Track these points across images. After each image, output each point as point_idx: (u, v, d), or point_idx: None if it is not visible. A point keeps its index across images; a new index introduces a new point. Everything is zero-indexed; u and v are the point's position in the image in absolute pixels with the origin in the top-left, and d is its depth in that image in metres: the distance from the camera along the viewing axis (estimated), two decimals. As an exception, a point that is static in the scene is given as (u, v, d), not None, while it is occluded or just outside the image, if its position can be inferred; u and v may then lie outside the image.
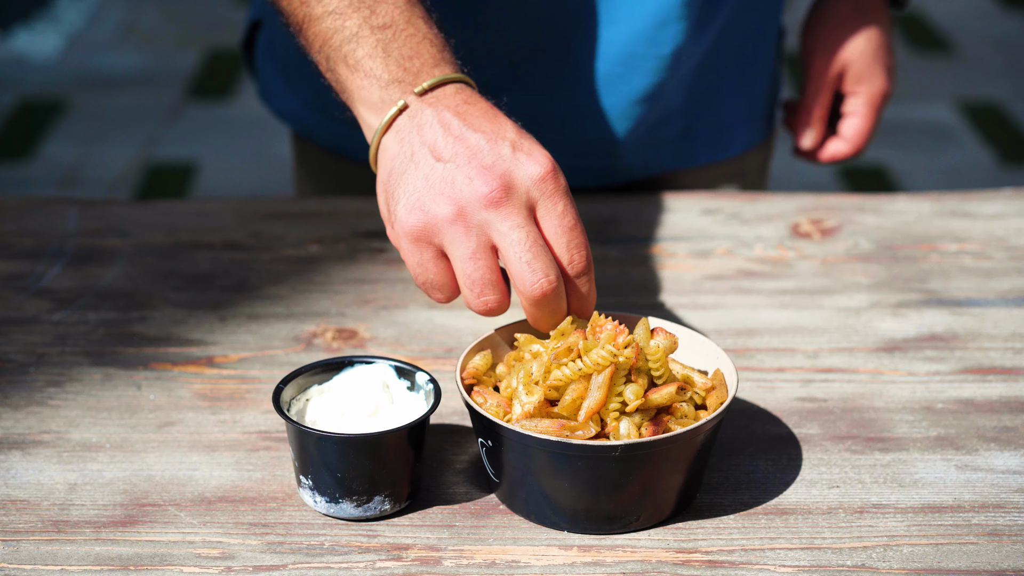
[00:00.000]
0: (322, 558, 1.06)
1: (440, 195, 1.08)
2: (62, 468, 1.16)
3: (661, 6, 1.47)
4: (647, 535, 1.08)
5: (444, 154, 1.09)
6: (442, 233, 1.08)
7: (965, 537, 1.08)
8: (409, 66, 1.13)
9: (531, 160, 1.08)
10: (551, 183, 1.08)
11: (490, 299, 1.08)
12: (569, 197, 1.09)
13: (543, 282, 1.07)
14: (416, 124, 1.11)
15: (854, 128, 1.65)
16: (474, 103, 1.12)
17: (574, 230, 1.09)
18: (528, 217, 1.08)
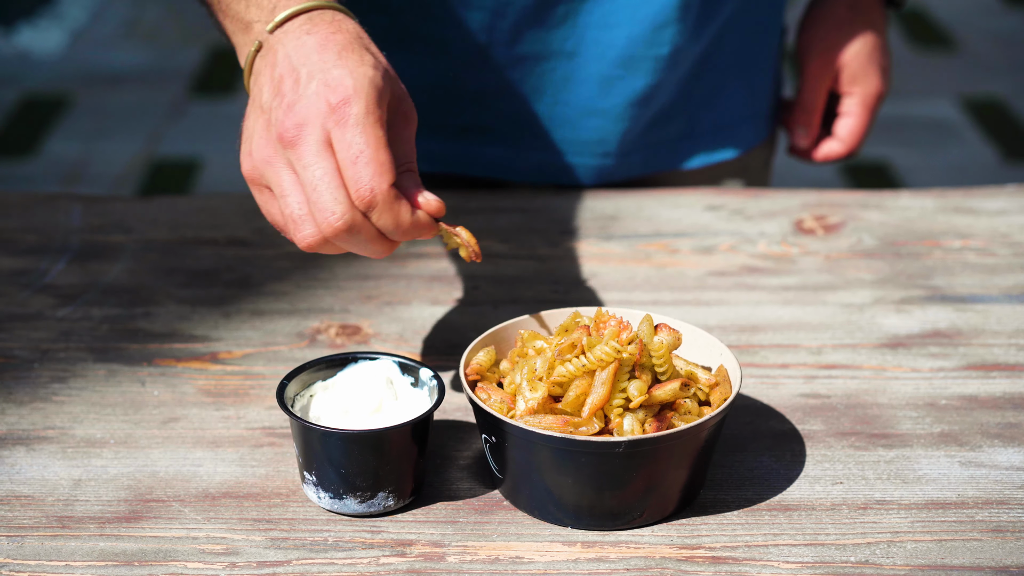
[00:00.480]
0: (326, 554, 1.06)
1: (260, 138, 1.09)
2: (66, 464, 1.16)
3: (659, 8, 1.47)
4: (651, 531, 1.08)
5: (266, 98, 1.10)
6: (263, 175, 1.09)
7: (969, 533, 1.08)
8: (266, 4, 1.14)
9: (329, 91, 1.07)
10: (339, 113, 1.06)
11: (307, 233, 1.08)
12: (360, 124, 1.06)
13: (325, 224, 1.06)
14: (262, 66, 1.12)
15: (849, 128, 1.66)
16: (314, 32, 1.11)
17: (357, 162, 1.06)
18: (320, 152, 1.06)
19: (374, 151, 1.06)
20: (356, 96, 1.07)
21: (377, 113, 1.07)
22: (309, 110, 1.07)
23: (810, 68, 1.64)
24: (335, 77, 1.07)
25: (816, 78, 1.64)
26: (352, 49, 1.10)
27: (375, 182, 1.06)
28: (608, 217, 1.53)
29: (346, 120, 1.06)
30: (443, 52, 1.51)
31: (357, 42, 1.11)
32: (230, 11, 1.16)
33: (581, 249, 1.48)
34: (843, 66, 1.63)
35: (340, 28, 1.12)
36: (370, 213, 1.07)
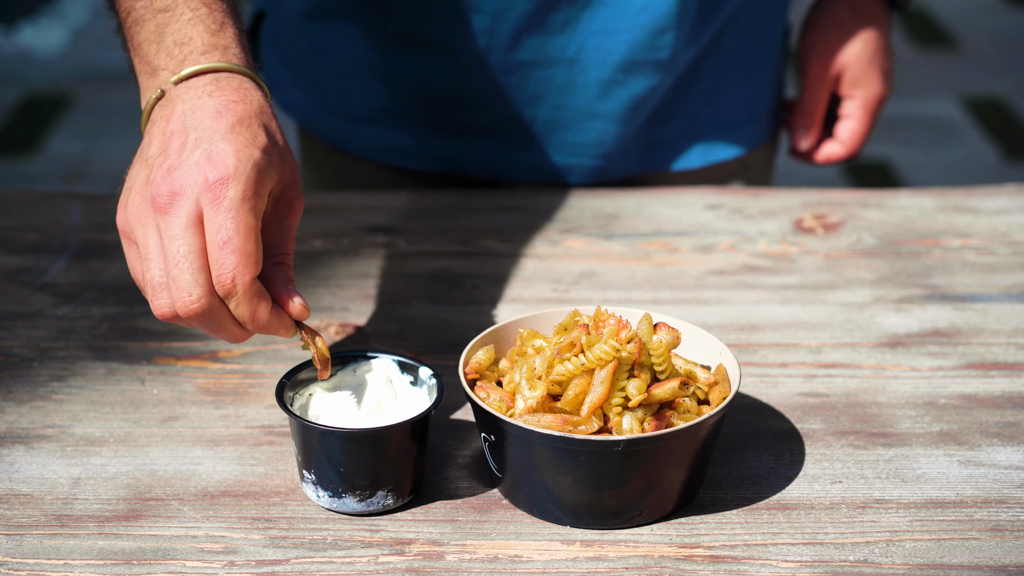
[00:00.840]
0: (325, 552, 1.06)
1: (137, 194, 1.06)
2: (65, 462, 1.16)
3: (659, 14, 1.47)
4: (650, 530, 1.08)
5: (152, 152, 1.07)
6: (133, 232, 1.06)
7: (967, 532, 1.08)
8: (176, 53, 1.11)
9: (210, 165, 1.03)
10: (215, 192, 1.03)
11: (161, 302, 1.05)
12: (234, 208, 1.03)
13: (178, 304, 1.04)
14: (158, 116, 1.09)
15: (850, 131, 1.66)
16: (216, 95, 1.07)
17: (225, 247, 1.03)
18: (188, 227, 1.03)
19: (243, 240, 1.03)
20: (235, 178, 1.03)
21: (253, 200, 1.04)
22: (186, 180, 1.03)
23: (811, 71, 1.64)
24: (219, 151, 1.04)
25: (817, 81, 1.64)
26: (247, 124, 1.06)
27: (238, 271, 1.04)
28: (608, 216, 1.53)
29: (220, 201, 1.03)
30: (443, 54, 1.51)
31: (256, 117, 1.07)
32: (140, 51, 1.13)
33: (581, 248, 1.48)
34: (845, 69, 1.63)
35: (244, 97, 1.08)
36: (228, 301, 1.05)
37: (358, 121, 1.58)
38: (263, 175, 1.05)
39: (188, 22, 1.11)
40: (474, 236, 1.50)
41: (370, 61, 1.54)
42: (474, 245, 1.48)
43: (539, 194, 1.57)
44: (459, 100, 1.54)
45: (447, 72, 1.52)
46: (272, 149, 1.07)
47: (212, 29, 1.11)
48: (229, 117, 1.06)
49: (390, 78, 1.54)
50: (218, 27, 1.12)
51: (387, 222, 1.52)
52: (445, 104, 1.55)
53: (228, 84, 1.09)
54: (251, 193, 1.04)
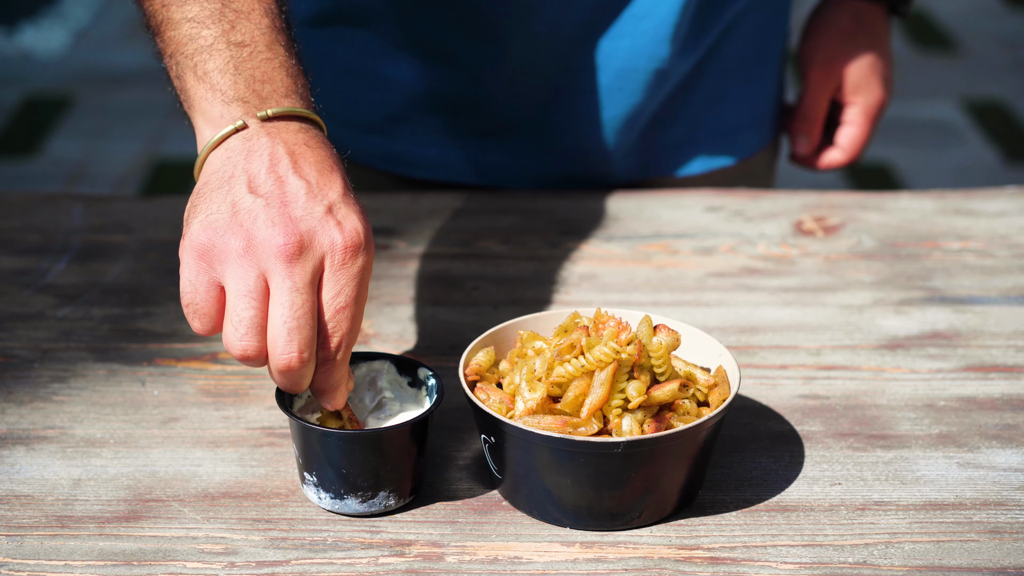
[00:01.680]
0: (325, 554, 1.06)
1: (238, 226, 1.02)
2: (66, 463, 1.16)
3: (661, 21, 1.47)
4: (649, 532, 1.09)
5: (260, 189, 1.03)
6: (226, 262, 1.02)
7: (967, 534, 1.08)
8: (259, 89, 1.07)
9: (338, 228, 1.03)
10: (344, 257, 1.02)
11: (250, 345, 1.02)
12: (358, 277, 1.03)
13: (292, 357, 1.02)
14: (246, 148, 1.05)
15: (850, 137, 1.66)
16: (313, 147, 1.06)
17: (342, 312, 1.03)
18: (310, 283, 1.02)
19: (357, 310, 1.04)
20: (365, 248, 1.03)
21: (369, 273, 1.05)
22: (315, 236, 1.02)
23: (812, 77, 1.65)
24: (345, 215, 1.03)
25: (818, 87, 1.65)
26: (351, 190, 1.06)
27: (346, 339, 1.04)
28: (608, 218, 1.54)
29: (348, 267, 1.03)
30: (445, 62, 1.51)
31: (347, 180, 1.06)
32: (208, 79, 1.08)
33: (581, 250, 1.48)
34: (845, 76, 1.64)
35: (333, 155, 1.07)
36: (325, 363, 1.04)
37: (358, 128, 1.58)
38: (374, 250, 1.06)
39: (267, 61, 1.09)
40: (474, 238, 1.50)
41: (370, 68, 1.54)
42: (474, 247, 1.48)
43: (539, 196, 1.57)
44: (460, 107, 1.54)
45: (448, 80, 1.53)
46: None
47: (292, 74, 1.09)
48: (335, 178, 1.05)
49: (390, 86, 1.54)
50: (297, 73, 1.10)
51: (387, 224, 1.52)
52: (446, 110, 1.55)
53: (316, 138, 1.07)
54: (370, 266, 1.04)
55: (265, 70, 1.08)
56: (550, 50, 1.49)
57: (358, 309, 1.04)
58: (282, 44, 1.11)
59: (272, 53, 1.09)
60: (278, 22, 1.11)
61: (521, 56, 1.49)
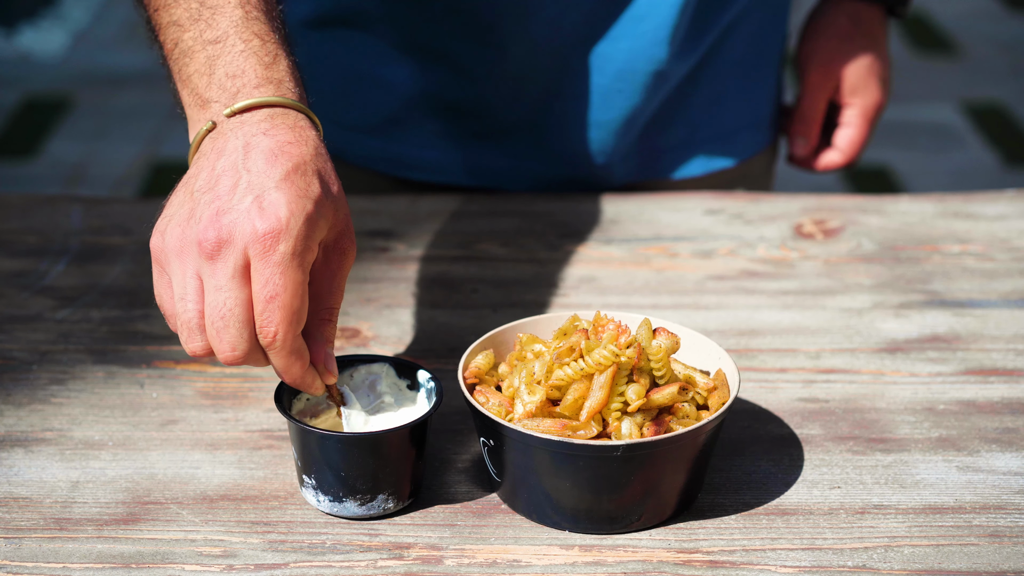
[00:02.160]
0: (324, 557, 1.06)
1: (177, 227, 1.03)
2: (64, 466, 1.16)
3: (659, 23, 1.47)
4: (648, 535, 1.08)
5: (199, 184, 1.04)
6: (168, 263, 1.04)
7: (966, 538, 1.08)
8: (229, 85, 1.07)
9: (261, 216, 1.01)
10: (264, 245, 1.00)
11: (195, 346, 1.04)
12: (283, 264, 1.01)
13: (226, 355, 1.02)
14: (213, 148, 1.05)
15: (848, 139, 1.66)
16: (273, 134, 1.05)
17: (272, 302, 1.01)
18: (235, 278, 1.01)
19: (290, 296, 1.02)
20: (286, 232, 1.01)
21: (302, 256, 1.02)
22: (235, 228, 1.01)
23: (810, 79, 1.65)
24: (272, 201, 1.01)
25: (816, 89, 1.65)
26: (302, 172, 1.04)
27: (281, 327, 1.02)
28: (608, 221, 1.53)
29: (269, 255, 1.01)
30: (445, 64, 1.51)
31: (311, 162, 1.05)
32: (190, 83, 1.09)
33: (580, 252, 1.48)
34: (843, 77, 1.64)
35: (299, 138, 1.06)
36: (267, 351, 1.04)
37: (356, 130, 1.58)
38: (314, 228, 1.03)
39: (240, 54, 1.08)
40: (474, 240, 1.50)
41: (369, 71, 1.54)
42: (473, 249, 1.48)
43: (538, 198, 1.57)
44: (459, 110, 1.54)
45: (447, 82, 1.53)
46: (325, 199, 1.04)
47: (265, 62, 1.08)
48: (284, 162, 1.04)
49: (389, 88, 1.54)
50: (271, 59, 1.09)
51: (386, 226, 1.52)
52: (444, 114, 1.55)
53: (283, 122, 1.06)
54: (301, 248, 1.02)
55: (238, 63, 1.08)
56: (549, 52, 1.49)
57: (291, 296, 1.02)
58: (256, 32, 1.10)
59: (245, 44, 1.09)
60: (253, 11, 1.11)
61: (520, 58, 1.49)
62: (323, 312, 1.08)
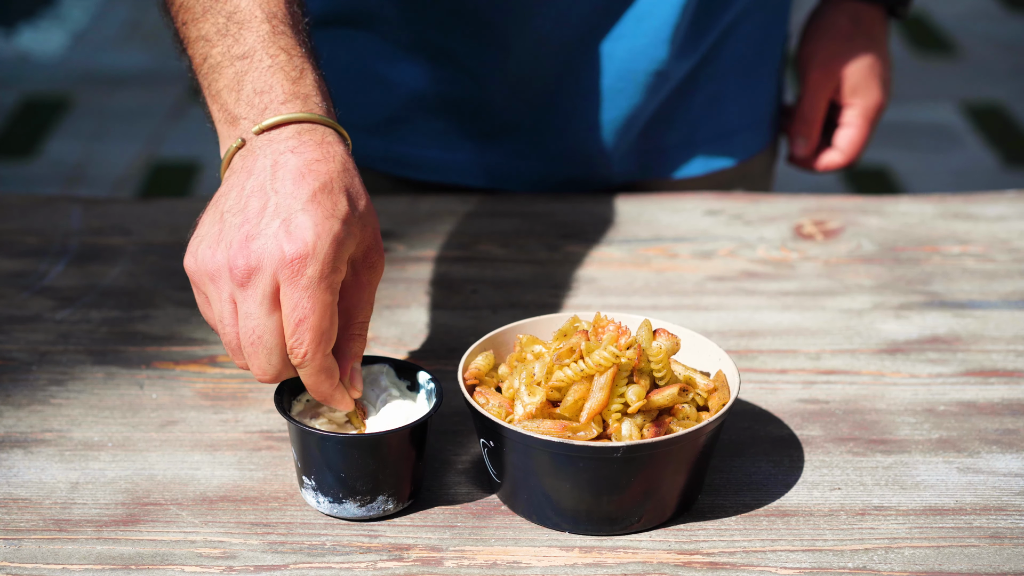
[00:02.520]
0: (323, 558, 1.06)
1: (209, 248, 1.04)
2: (64, 467, 1.16)
3: (661, 23, 1.47)
4: (648, 536, 1.08)
5: (228, 204, 1.05)
6: (204, 285, 1.05)
7: (967, 540, 1.08)
8: (256, 102, 1.08)
9: (288, 240, 1.02)
10: (292, 270, 1.02)
11: (239, 363, 1.07)
12: (311, 288, 1.02)
13: (258, 376, 1.06)
14: (243, 167, 1.07)
15: (848, 139, 1.66)
16: (300, 151, 1.05)
17: (301, 325, 1.02)
18: (263, 304, 1.03)
19: (318, 319, 1.03)
20: (314, 256, 1.02)
21: (330, 278, 1.03)
22: (264, 254, 1.02)
23: (811, 79, 1.65)
24: (299, 225, 1.02)
25: (816, 89, 1.65)
26: (328, 190, 1.04)
27: (311, 348, 1.03)
28: (608, 221, 1.53)
29: (298, 279, 1.02)
30: (448, 62, 1.51)
31: (339, 178, 1.06)
32: (219, 98, 1.10)
33: (580, 253, 1.48)
34: (844, 78, 1.64)
35: (327, 154, 1.06)
36: (301, 370, 1.05)
37: (359, 130, 1.58)
38: (341, 248, 1.03)
39: (267, 69, 1.09)
40: (473, 241, 1.50)
41: (372, 70, 1.54)
42: (473, 250, 1.48)
43: (538, 199, 1.57)
44: (461, 109, 1.54)
45: (449, 81, 1.52)
46: (352, 217, 1.05)
47: (292, 77, 1.09)
48: (311, 181, 1.04)
49: (392, 87, 1.54)
50: (298, 74, 1.09)
51: (386, 227, 1.52)
52: (447, 113, 1.55)
53: (311, 138, 1.06)
54: (329, 270, 1.02)
55: (265, 80, 1.09)
56: (551, 52, 1.49)
57: (319, 318, 1.03)
58: (282, 47, 1.10)
59: (271, 59, 1.09)
60: (280, 25, 1.11)
61: (522, 58, 1.49)
62: (354, 327, 1.09)
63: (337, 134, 1.09)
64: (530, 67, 1.50)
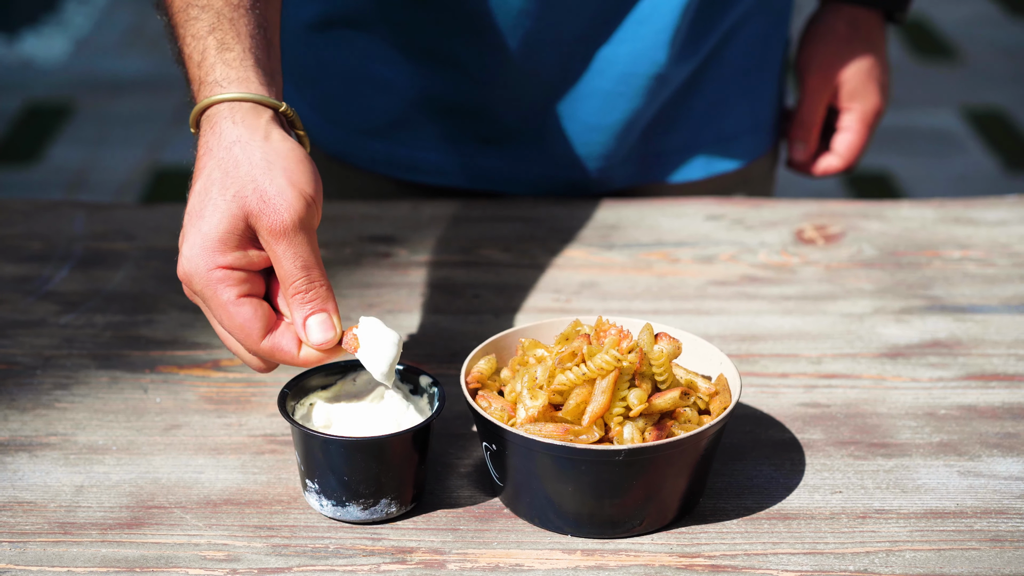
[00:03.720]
0: (327, 561, 1.06)
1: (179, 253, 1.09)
2: (68, 470, 1.16)
3: (661, 26, 1.48)
4: (650, 539, 1.09)
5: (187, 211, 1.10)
6: None
7: (967, 543, 1.08)
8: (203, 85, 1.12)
9: (185, 260, 1.07)
10: (191, 291, 1.09)
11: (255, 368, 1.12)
12: (212, 307, 1.08)
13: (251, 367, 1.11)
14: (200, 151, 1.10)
15: (846, 144, 1.67)
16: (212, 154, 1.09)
17: (227, 340, 1.10)
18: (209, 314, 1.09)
19: (230, 342, 1.09)
20: (189, 272, 1.07)
21: (220, 284, 1.06)
22: (185, 270, 1.08)
23: (809, 84, 1.65)
24: (185, 248, 1.08)
25: (815, 94, 1.65)
26: (215, 188, 1.07)
27: (238, 354, 1.10)
28: (609, 226, 1.54)
29: (203, 300, 1.08)
30: (451, 66, 1.51)
31: (230, 172, 1.08)
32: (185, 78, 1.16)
33: (582, 258, 1.48)
34: (842, 82, 1.64)
35: (231, 153, 1.08)
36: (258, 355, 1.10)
37: (359, 133, 1.58)
38: (222, 255, 1.07)
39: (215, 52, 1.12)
40: (475, 246, 1.50)
41: (372, 73, 1.54)
42: (475, 255, 1.49)
43: (540, 204, 1.57)
44: (461, 113, 1.54)
45: (449, 85, 1.53)
46: (237, 203, 1.07)
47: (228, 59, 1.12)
48: (214, 186, 1.07)
49: (391, 90, 1.54)
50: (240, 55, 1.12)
51: (389, 232, 1.52)
52: (446, 116, 1.55)
53: (206, 144, 1.10)
54: (214, 283, 1.07)
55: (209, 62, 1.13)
56: (552, 55, 1.49)
57: (236, 330, 1.07)
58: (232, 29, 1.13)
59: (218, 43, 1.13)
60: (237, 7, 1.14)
61: (523, 62, 1.49)
62: (289, 292, 1.09)
63: (270, 111, 1.11)
64: (531, 70, 1.50)
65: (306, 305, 1.09)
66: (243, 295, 1.07)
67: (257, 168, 1.07)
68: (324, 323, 1.09)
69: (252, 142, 1.08)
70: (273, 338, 1.08)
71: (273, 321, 1.08)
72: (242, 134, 1.08)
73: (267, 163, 1.07)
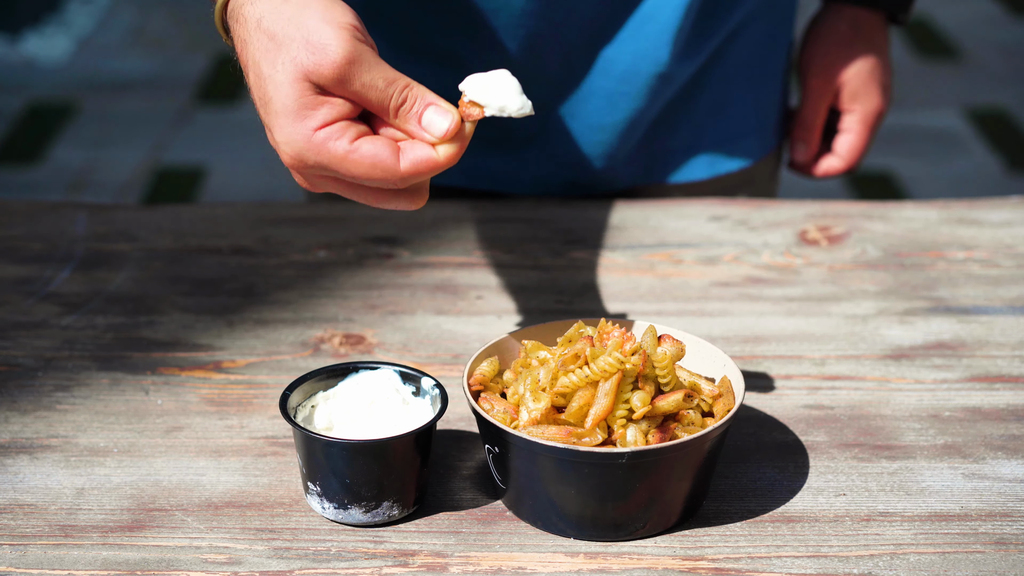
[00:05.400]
0: (328, 564, 1.06)
1: (272, 139, 1.07)
2: (69, 473, 1.16)
3: (664, 25, 1.47)
4: (653, 542, 1.08)
5: (256, 99, 1.08)
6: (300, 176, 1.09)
7: (972, 546, 1.08)
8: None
9: (274, 142, 1.06)
10: (307, 177, 1.08)
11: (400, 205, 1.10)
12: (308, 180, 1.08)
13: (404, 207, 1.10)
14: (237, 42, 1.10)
15: (848, 145, 1.66)
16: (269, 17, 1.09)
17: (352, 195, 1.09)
18: (327, 179, 1.08)
19: (371, 167, 1.05)
20: (285, 146, 1.05)
21: (326, 151, 1.05)
22: (287, 151, 1.06)
23: (811, 85, 1.65)
24: (278, 137, 1.06)
25: (816, 95, 1.65)
26: (264, 67, 1.07)
27: (376, 198, 1.07)
28: (612, 227, 1.54)
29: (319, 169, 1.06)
30: (452, 66, 1.51)
31: (268, 47, 1.07)
32: None
33: (585, 259, 1.48)
34: (844, 83, 1.64)
35: (260, 29, 1.08)
36: (406, 184, 1.07)
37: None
38: (311, 119, 1.05)
39: None
40: (478, 247, 1.50)
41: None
42: (478, 256, 1.48)
43: (543, 205, 1.57)
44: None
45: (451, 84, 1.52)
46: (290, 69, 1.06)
47: None
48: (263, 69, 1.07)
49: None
50: None
51: (391, 233, 1.52)
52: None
53: None
54: (322, 144, 1.05)
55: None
56: (554, 55, 1.49)
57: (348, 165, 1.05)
58: None
59: None
60: None
61: (525, 61, 1.49)
62: (390, 114, 1.09)
63: None
64: (533, 70, 1.50)
65: (411, 111, 1.09)
66: (355, 139, 1.06)
67: (291, 26, 1.07)
68: (437, 112, 1.10)
69: (276, 10, 1.08)
70: (406, 155, 1.07)
71: (396, 146, 1.07)
72: (264, 9, 1.08)
73: (297, 21, 1.07)
